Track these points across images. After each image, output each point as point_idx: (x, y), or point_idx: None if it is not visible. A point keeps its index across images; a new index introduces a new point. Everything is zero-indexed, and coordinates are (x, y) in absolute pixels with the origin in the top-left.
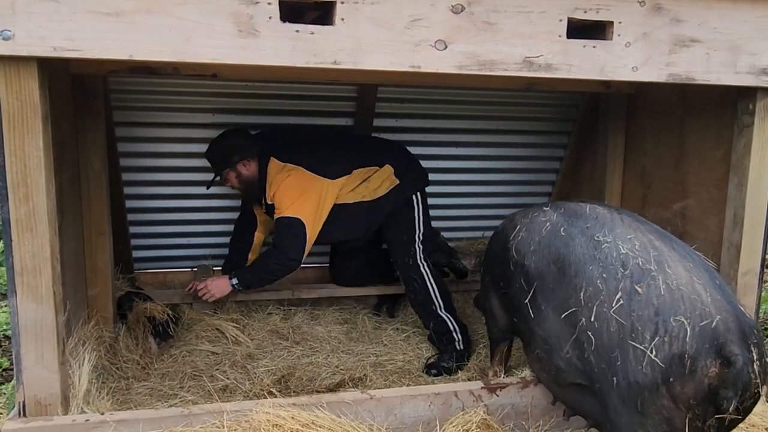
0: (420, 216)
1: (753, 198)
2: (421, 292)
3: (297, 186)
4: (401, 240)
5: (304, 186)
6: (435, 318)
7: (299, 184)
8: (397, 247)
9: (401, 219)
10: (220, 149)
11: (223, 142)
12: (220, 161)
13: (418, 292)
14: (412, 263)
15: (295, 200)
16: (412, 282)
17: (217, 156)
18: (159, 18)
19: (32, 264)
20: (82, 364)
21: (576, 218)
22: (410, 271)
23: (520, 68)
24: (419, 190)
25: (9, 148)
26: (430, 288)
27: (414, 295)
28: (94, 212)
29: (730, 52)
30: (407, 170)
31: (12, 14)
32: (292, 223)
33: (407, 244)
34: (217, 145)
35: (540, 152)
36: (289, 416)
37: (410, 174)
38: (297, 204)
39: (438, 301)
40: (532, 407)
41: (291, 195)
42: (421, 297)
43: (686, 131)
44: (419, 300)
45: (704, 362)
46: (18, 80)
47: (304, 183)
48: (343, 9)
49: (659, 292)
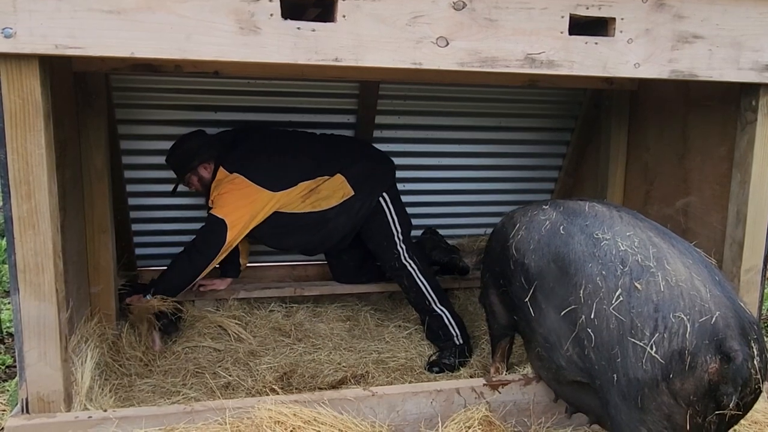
0: (393, 217)
1: (756, 195)
2: (412, 290)
3: (235, 194)
4: (382, 245)
5: (242, 195)
6: (430, 313)
7: (238, 192)
8: (379, 252)
9: (376, 225)
10: (180, 154)
11: (181, 146)
12: (180, 166)
13: (409, 290)
14: (398, 265)
15: (228, 205)
16: (402, 282)
17: (178, 161)
18: (160, 15)
19: (35, 261)
20: (84, 361)
21: (575, 216)
22: (397, 272)
23: (522, 65)
24: (384, 190)
25: (11, 145)
26: (421, 285)
27: (407, 294)
28: (96, 210)
29: (732, 48)
30: (367, 176)
31: (14, 12)
32: (216, 221)
33: (388, 248)
34: (176, 150)
35: (542, 149)
36: (291, 413)
37: (370, 181)
38: (229, 208)
39: (431, 297)
40: (535, 404)
41: (227, 200)
42: (413, 295)
43: (689, 128)
44: (412, 298)
45: (704, 358)
46: (20, 78)
47: (242, 191)
48: (344, 6)
49: (659, 289)
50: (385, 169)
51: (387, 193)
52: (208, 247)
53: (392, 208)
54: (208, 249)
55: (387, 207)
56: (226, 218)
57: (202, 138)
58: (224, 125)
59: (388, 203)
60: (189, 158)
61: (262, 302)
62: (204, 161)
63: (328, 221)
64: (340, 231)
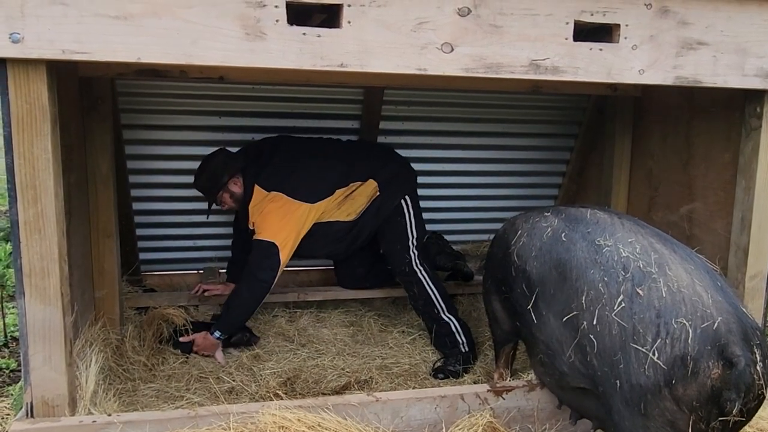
0: (411, 221)
1: (760, 201)
2: (421, 297)
3: (277, 212)
4: (395, 249)
5: (284, 212)
6: (438, 321)
7: (279, 211)
8: (392, 256)
9: (393, 227)
10: (208, 174)
11: (207, 166)
12: (210, 185)
13: (418, 297)
14: (408, 270)
15: (273, 225)
16: (411, 288)
17: (207, 181)
18: (166, 21)
19: (40, 266)
20: (89, 365)
21: (577, 223)
22: (408, 278)
23: (527, 71)
24: (407, 193)
25: (18, 150)
26: (430, 292)
27: (414, 302)
28: (101, 214)
29: (737, 54)
30: (392, 179)
31: (21, 17)
32: (267, 245)
33: (401, 252)
34: (203, 171)
35: (546, 155)
36: (295, 418)
37: (396, 182)
38: (275, 229)
39: (440, 305)
40: (539, 410)
41: (271, 221)
42: (421, 302)
43: (693, 134)
44: (420, 305)
45: (706, 364)
46: (27, 83)
47: (284, 209)
48: (349, 12)
49: (661, 295)
50: (408, 174)
51: (409, 197)
52: (265, 273)
53: (412, 212)
54: (266, 274)
55: (407, 209)
56: (275, 239)
57: (225, 154)
58: (229, 130)
59: (409, 206)
60: (218, 176)
61: (266, 307)
62: (233, 175)
63: (360, 227)
64: (366, 230)
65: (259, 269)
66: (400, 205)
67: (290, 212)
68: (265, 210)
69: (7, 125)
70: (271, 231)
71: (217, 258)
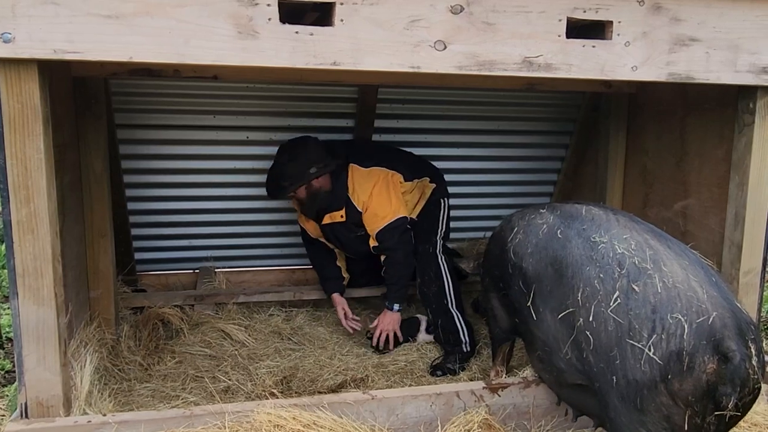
0: (444, 218)
1: (754, 197)
2: (435, 283)
3: (385, 188)
4: (423, 228)
5: (391, 185)
6: (445, 313)
7: (385, 185)
8: (418, 234)
9: (427, 214)
10: (299, 164)
11: (301, 156)
12: (297, 177)
13: (431, 283)
14: (432, 251)
15: (389, 203)
16: (428, 271)
17: (295, 172)
18: (159, 20)
19: (33, 266)
20: (84, 365)
21: (572, 220)
22: (428, 259)
23: (520, 68)
24: (447, 196)
25: (10, 150)
26: (445, 281)
27: (427, 288)
28: (95, 214)
29: (729, 51)
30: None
31: (12, 17)
32: (398, 224)
33: (428, 233)
34: (295, 159)
35: (541, 152)
36: (290, 417)
37: (442, 186)
38: (394, 206)
39: (450, 296)
40: (534, 407)
41: (384, 200)
42: (434, 288)
43: (687, 130)
44: (432, 291)
45: (702, 359)
46: (19, 82)
47: (390, 183)
48: (342, 10)
49: (656, 290)
50: (445, 184)
51: (447, 199)
52: (408, 245)
53: (446, 212)
54: (408, 246)
55: (443, 207)
56: (398, 214)
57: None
58: (223, 129)
59: (446, 206)
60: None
61: (262, 306)
62: (321, 172)
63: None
64: None
65: (403, 243)
66: (440, 201)
67: (394, 184)
68: (374, 191)
69: None
70: (392, 209)
71: (212, 257)
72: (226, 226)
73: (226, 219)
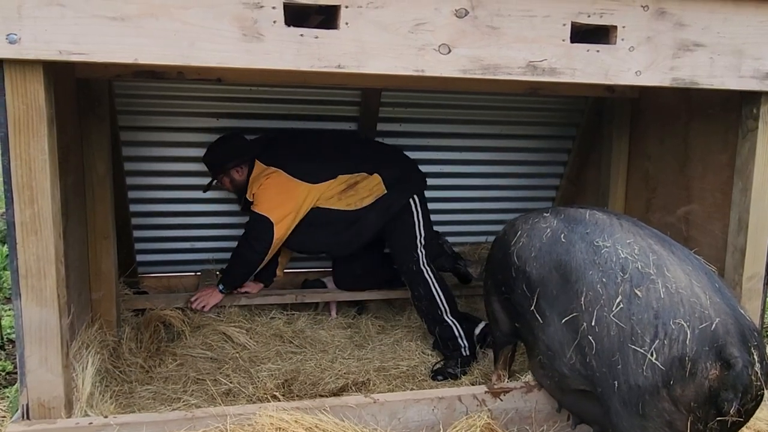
0: (420, 220)
1: (757, 202)
2: (426, 298)
3: (275, 188)
4: (403, 245)
5: (282, 189)
6: (441, 324)
7: (278, 187)
8: (399, 253)
9: (401, 224)
10: (216, 155)
11: (219, 147)
12: (215, 166)
13: (422, 298)
14: (416, 269)
15: (270, 201)
16: (417, 288)
17: (213, 161)
18: (164, 22)
19: (37, 267)
20: (85, 367)
21: (576, 224)
22: (414, 277)
23: (524, 72)
24: (416, 193)
25: (14, 151)
26: (435, 293)
27: (419, 302)
28: (98, 216)
29: (733, 56)
30: (401, 178)
31: (18, 18)
32: (262, 219)
33: (409, 249)
34: (213, 150)
35: (544, 157)
36: (292, 420)
37: (404, 181)
38: (272, 204)
39: (443, 306)
40: (536, 412)
41: (268, 196)
42: (426, 302)
43: (691, 136)
44: (424, 306)
45: (704, 365)
46: (24, 84)
47: (282, 187)
48: (347, 13)
49: (659, 296)
50: (418, 176)
51: (417, 197)
52: (259, 244)
53: (420, 211)
54: (259, 246)
55: (416, 209)
56: (270, 215)
57: (240, 141)
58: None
59: (418, 206)
60: (225, 160)
61: (264, 309)
62: (239, 165)
63: (359, 218)
64: (370, 229)
65: (255, 240)
66: (409, 204)
67: (289, 190)
68: (264, 184)
69: (3, 126)
70: (267, 206)
71: (214, 260)
72: (228, 228)
73: (229, 221)
